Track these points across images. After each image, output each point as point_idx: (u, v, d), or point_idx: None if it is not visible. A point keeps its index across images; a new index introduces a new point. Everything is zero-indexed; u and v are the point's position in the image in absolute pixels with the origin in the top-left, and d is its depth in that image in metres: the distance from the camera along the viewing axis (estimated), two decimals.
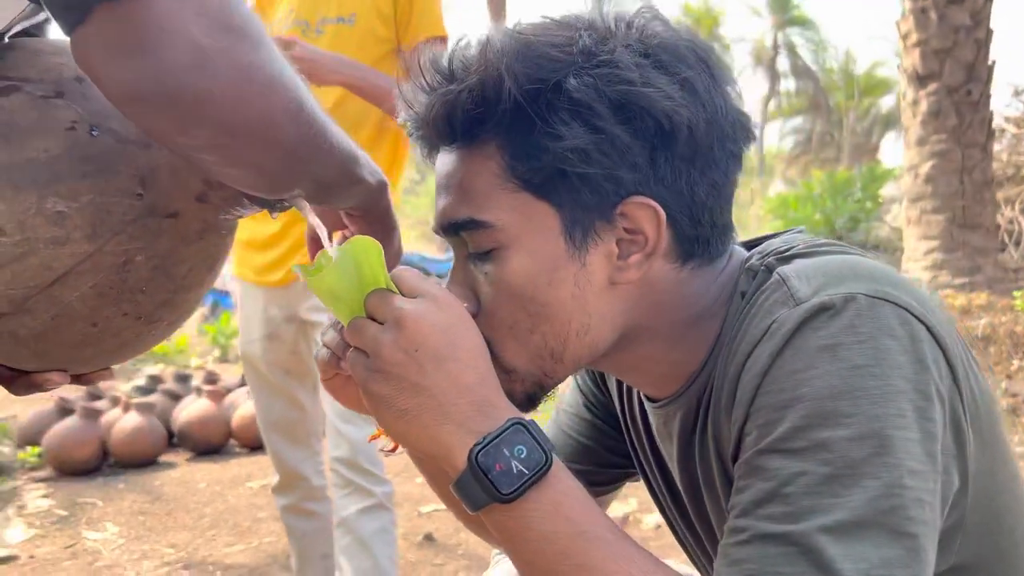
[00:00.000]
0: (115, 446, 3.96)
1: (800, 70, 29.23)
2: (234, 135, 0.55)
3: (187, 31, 0.50)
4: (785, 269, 0.69)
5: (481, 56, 0.68)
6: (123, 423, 4.00)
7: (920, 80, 5.93)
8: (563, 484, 0.63)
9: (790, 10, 28.81)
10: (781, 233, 0.80)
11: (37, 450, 3.96)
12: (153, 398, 4.43)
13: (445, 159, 0.73)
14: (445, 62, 0.70)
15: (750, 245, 0.80)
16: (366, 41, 1.92)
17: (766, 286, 0.69)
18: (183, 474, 3.92)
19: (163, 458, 4.12)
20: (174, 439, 4.25)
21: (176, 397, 4.58)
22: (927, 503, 0.60)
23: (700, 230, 0.72)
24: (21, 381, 0.71)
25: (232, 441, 4.30)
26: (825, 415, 0.60)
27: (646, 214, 0.69)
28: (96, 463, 3.92)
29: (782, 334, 0.64)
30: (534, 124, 0.67)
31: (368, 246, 0.66)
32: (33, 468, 3.96)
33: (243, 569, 2.83)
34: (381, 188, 0.76)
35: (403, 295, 0.66)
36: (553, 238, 0.69)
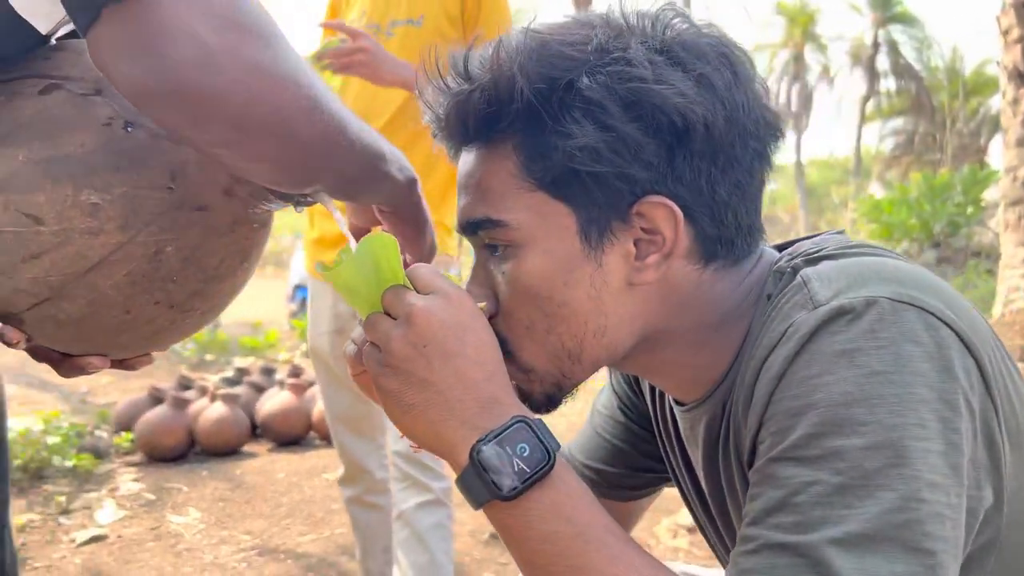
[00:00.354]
0: (201, 435, 4.12)
1: (902, 69, 28.10)
2: (245, 131, 0.57)
3: (193, 30, 0.52)
4: (808, 271, 0.67)
5: (495, 56, 0.68)
6: (209, 413, 4.16)
7: (1021, 77, 5.62)
8: (566, 485, 0.62)
9: (892, 7, 27.75)
10: (818, 234, 0.78)
11: (130, 436, 4.16)
12: (238, 390, 4.59)
13: (466, 159, 0.74)
14: (461, 63, 0.70)
15: (784, 247, 0.78)
16: (434, 42, 1.94)
17: (788, 288, 0.67)
18: (263, 464, 4.05)
19: (246, 448, 4.27)
20: (257, 430, 4.40)
21: (261, 389, 4.74)
22: (948, 518, 0.57)
23: (723, 230, 0.70)
24: (66, 364, 0.75)
25: (312, 433, 4.43)
26: (839, 423, 0.58)
27: (663, 213, 0.68)
28: (183, 450, 4.10)
29: (798, 338, 0.62)
30: (547, 123, 0.67)
31: (386, 242, 0.67)
32: (126, 453, 4.17)
33: (313, 558, 2.91)
34: (410, 185, 0.77)
35: (417, 291, 0.67)
36: (569, 238, 0.69)
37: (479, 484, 0.61)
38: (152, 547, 3.02)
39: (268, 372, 5.16)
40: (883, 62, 28.51)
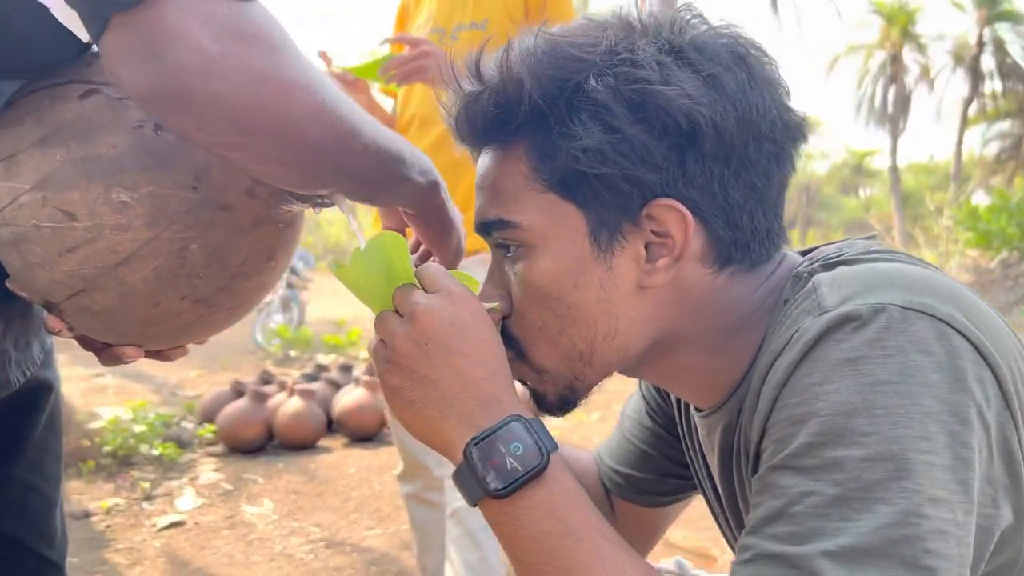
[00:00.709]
0: (279, 428, 4.25)
1: (1009, 69, 26.80)
2: (251, 135, 0.59)
3: (194, 37, 0.54)
4: (821, 276, 0.65)
5: (504, 58, 0.68)
6: (287, 407, 4.29)
7: None
8: (559, 485, 0.62)
9: (999, 4, 26.48)
10: (845, 239, 0.76)
11: (212, 427, 4.33)
12: (316, 386, 4.71)
13: (482, 160, 0.74)
14: (474, 65, 0.71)
15: (808, 252, 0.76)
16: (498, 45, 1.96)
17: (800, 294, 0.66)
18: (336, 459, 4.15)
19: (321, 442, 4.39)
20: (333, 425, 4.51)
21: (338, 386, 4.86)
22: (952, 535, 0.54)
23: (737, 234, 0.69)
24: (106, 352, 0.80)
25: (385, 430, 4.50)
26: (839, 433, 0.56)
27: (673, 216, 0.67)
28: (261, 443, 4.24)
29: (802, 345, 0.60)
30: (554, 125, 0.67)
31: (395, 240, 0.69)
32: (209, 444, 4.33)
33: (376, 553, 2.96)
34: (432, 188, 0.79)
35: (424, 290, 0.68)
36: (579, 240, 0.69)
37: (473, 481, 0.62)
38: (226, 535, 3.13)
39: (346, 369, 5.28)
40: (988, 62, 27.24)
